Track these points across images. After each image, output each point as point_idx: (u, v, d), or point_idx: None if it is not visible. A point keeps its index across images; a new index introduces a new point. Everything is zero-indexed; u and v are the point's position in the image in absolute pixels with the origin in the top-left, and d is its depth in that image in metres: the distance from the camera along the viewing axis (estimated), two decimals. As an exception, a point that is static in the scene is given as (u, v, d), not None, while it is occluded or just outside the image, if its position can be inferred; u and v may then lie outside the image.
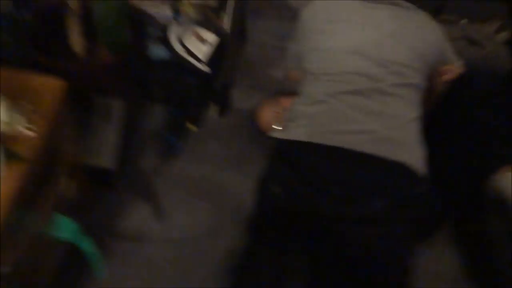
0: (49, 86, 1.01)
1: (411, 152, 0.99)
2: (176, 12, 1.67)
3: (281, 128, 1.15)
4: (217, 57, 1.62)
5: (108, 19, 0.95)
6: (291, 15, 1.95)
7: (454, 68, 1.29)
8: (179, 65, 1.60)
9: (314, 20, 1.22)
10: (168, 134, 1.61)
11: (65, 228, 1.06)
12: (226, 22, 1.72)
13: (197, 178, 1.60)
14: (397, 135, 0.98)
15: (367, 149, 0.94)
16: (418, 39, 1.14)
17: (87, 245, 1.10)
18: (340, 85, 1.05)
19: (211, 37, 1.65)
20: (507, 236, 1.34)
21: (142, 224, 1.48)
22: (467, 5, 1.58)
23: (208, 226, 1.50)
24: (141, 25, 1.63)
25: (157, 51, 1.63)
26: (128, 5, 1.39)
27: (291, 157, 1.03)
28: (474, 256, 1.52)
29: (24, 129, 0.91)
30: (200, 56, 1.57)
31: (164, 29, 1.62)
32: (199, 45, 1.59)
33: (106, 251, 1.34)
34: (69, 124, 1.14)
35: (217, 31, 1.70)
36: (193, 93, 1.68)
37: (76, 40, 1.32)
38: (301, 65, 1.22)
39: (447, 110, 1.39)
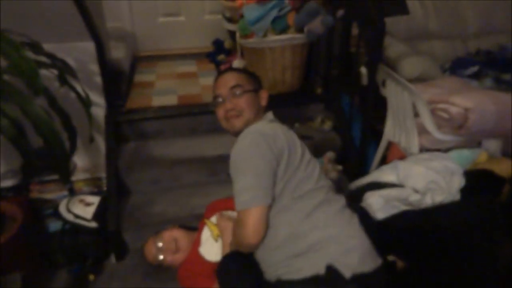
0: None
1: None
2: (71, 190, 2.15)
3: None
4: (102, 213, 2.05)
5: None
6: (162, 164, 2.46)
7: None
8: (72, 230, 1.99)
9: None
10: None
11: None
12: (105, 184, 2.20)
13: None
14: None
15: None
16: None
17: None
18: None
19: (94, 199, 2.10)
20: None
21: None
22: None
23: None
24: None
25: (53, 225, 2.01)
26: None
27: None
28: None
29: None
30: (87, 216, 1.99)
31: (55, 206, 2.04)
32: (85, 208, 2.02)
33: None
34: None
35: (98, 193, 2.17)
36: (90, 248, 2.03)
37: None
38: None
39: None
